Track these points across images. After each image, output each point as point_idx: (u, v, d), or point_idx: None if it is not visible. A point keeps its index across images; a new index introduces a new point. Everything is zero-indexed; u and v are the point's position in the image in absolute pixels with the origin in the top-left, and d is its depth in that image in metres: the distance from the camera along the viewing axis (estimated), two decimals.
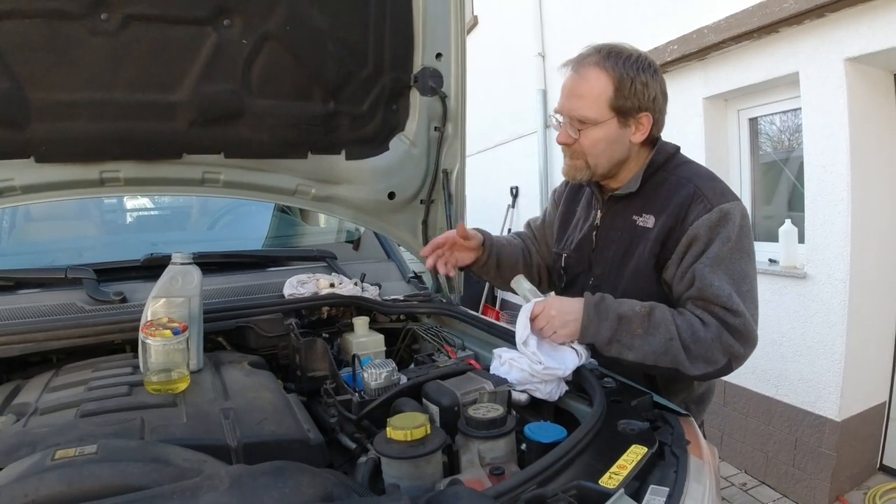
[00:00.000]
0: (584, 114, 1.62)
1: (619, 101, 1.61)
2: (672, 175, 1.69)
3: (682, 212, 1.60)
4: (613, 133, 1.65)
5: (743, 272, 1.57)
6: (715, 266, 1.54)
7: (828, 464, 3.60)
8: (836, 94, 3.41)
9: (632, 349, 1.53)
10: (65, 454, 0.97)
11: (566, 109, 1.66)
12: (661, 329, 1.52)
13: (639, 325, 1.53)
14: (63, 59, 1.64)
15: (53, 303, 1.94)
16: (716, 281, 1.53)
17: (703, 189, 1.61)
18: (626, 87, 1.60)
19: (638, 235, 1.69)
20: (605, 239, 1.80)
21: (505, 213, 8.05)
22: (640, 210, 1.71)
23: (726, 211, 1.57)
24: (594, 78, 1.61)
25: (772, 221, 4.28)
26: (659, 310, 1.55)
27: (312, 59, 1.91)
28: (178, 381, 1.40)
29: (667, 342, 1.51)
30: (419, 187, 2.28)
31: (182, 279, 1.57)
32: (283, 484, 0.90)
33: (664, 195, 1.67)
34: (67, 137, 1.76)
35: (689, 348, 1.51)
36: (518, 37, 7.43)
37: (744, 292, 1.55)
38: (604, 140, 1.65)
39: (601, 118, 1.62)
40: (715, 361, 1.53)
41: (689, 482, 1.05)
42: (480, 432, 1.17)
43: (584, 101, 1.62)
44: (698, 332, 1.52)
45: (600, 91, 1.61)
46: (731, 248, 1.55)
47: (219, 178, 2.03)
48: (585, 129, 1.64)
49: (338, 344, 1.98)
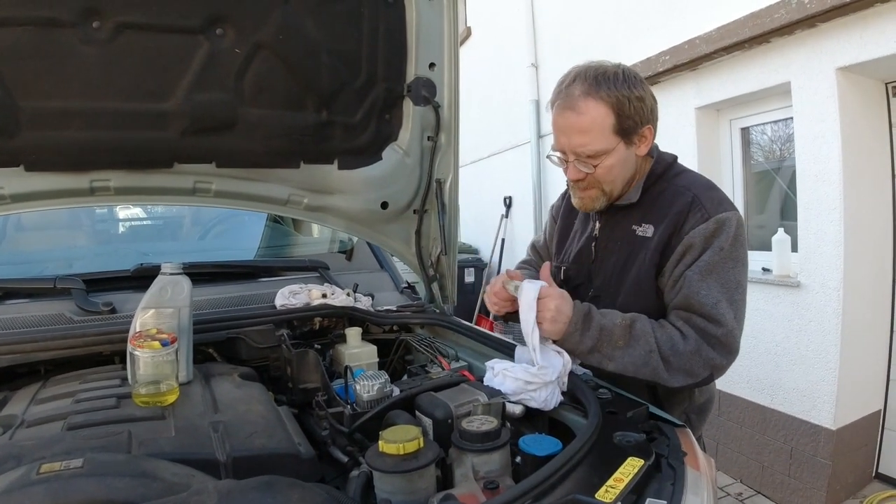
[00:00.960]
0: (593, 148, 1.60)
1: (622, 124, 1.60)
2: (671, 184, 1.70)
3: (681, 220, 1.61)
4: (623, 155, 1.64)
5: (736, 281, 1.57)
6: (706, 274, 1.55)
7: (823, 473, 3.60)
8: (827, 103, 3.43)
9: (612, 360, 1.55)
10: (50, 468, 0.95)
11: (571, 147, 1.63)
12: (642, 342, 1.53)
13: (620, 337, 1.54)
14: (54, 68, 1.62)
15: (42, 313, 1.91)
16: (703, 289, 1.54)
17: (702, 198, 1.62)
18: (626, 109, 1.58)
19: (638, 245, 1.69)
20: (605, 250, 1.80)
21: (499, 223, 8.05)
22: (639, 220, 1.71)
23: (723, 221, 1.57)
24: (593, 110, 1.58)
25: (764, 231, 4.29)
26: (640, 322, 1.56)
27: (305, 68, 1.89)
28: (167, 394, 1.38)
29: (647, 355, 1.53)
30: (412, 197, 2.26)
31: (172, 290, 1.55)
32: (273, 499, 0.89)
33: (663, 204, 1.67)
34: (58, 146, 1.74)
35: (668, 361, 1.53)
36: (511, 48, 7.47)
37: (736, 301, 1.56)
38: (617, 165, 1.64)
39: (610, 146, 1.61)
40: (695, 374, 1.54)
41: (686, 495, 1.04)
42: (474, 445, 1.15)
43: (590, 136, 1.59)
44: (677, 345, 1.53)
45: (602, 121, 1.58)
46: (723, 257, 1.56)
47: (210, 188, 2.01)
48: (598, 161, 1.62)
49: (330, 355, 1.96)
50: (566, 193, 2.04)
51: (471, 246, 8.62)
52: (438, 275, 2.38)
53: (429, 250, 2.37)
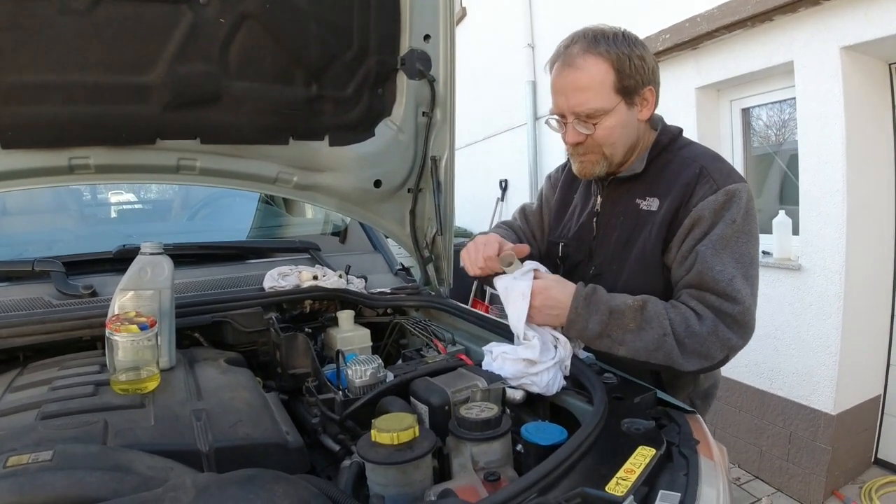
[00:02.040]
0: (592, 106, 1.54)
1: (622, 82, 1.53)
2: (676, 156, 1.64)
3: (688, 192, 1.54)
4: (624, 117, 1.57)
5: (750, 256, 1.51)
6: (719, 249, 1.48)
7: (823, 458, 3.57)
8: (831, 83, 3.37)
9: (623, 344, 1.46)
10: (18, 461, 0.90)
11: (570, 107, 1.57)
12: (655, 324, 1.45)
13: (631, 320, 1.46)
14: (30, 40, 1.55)
15: (19, 297, 1.85)
16: (717, 265, 1.47)
17: (710, 169, 1.55)
18: (626, 66, 1.52)
19: (642, 220, 1.63)
20: (607, 226, 1.73)
21: (494, 206, 7.99)
22: (643, 193, 1.64)
23: (732, 192, 1.51)
24: (592, 65, 1.52)
25: (764, 213, 4.23)
26: (652, 303, 1.48)
27: (293, 39, 1.81)
28: (147, 381, 1.31)
29: (660, 338, 1.43)
30: (406, 175, 2.20)
31: (151, 270, 1.48)
32: (255, 495, 0.82)
33: (669, 177, 1.61)
34: (35, 122, 1.67)
35: (683, 343, 1.44)
36: (507, 28, 7.37)
37: (752, 276, 1.51)
38: (618, 126, 1.58)
39: (610, 105, 1.54)
40: (711, 356, 1.45)
41: (701, 486, 0.97)
42: (474, 434, 1.09)
43: (590, 93, 1.53)
44: (693, 326, 1.45)
45: (602, 77, 1.52)
46: (736, 230, 1.49)
47: (195, 165, 1.94)
48: (598, 120, 1.56)
49: (321, 339, 1.91)
50: (566, 165, 1.97)
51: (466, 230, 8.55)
52: (434, 256, 2.32)
53: (424, 231, 2.32)
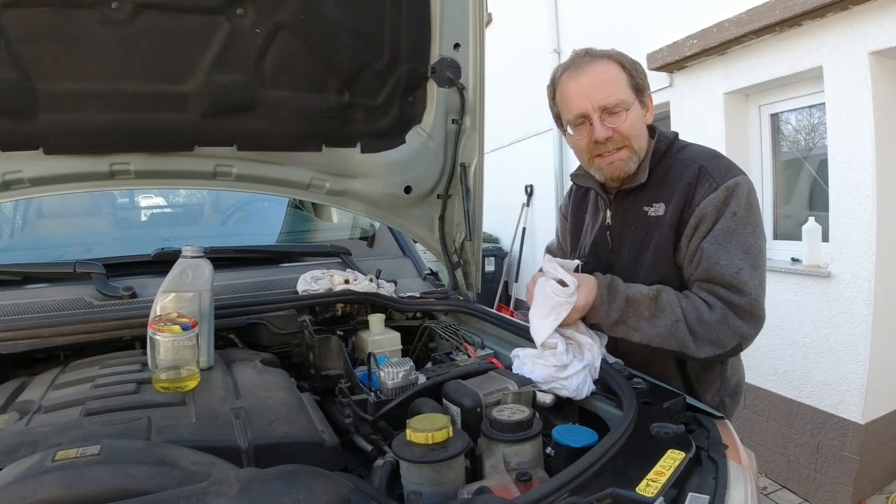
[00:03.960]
0: (618, 97, 1.60)
1: (634, 80, 1.63)
2: (675, 160, 1.69)
3: (690, 193, 1.60)
4: (640, 115, 1.66)
5: (756, 246, 1.56)
6: (724, 242, 1.54)
7: (850, 468, 3.52)
8: (860, 88, 3.34)
9: (638, 331, 1.54)
10: (66, 455, 0.93)
11: (596, 102, 1.61)
12: (668, 312, 1.52)
13: (646, 308, 1.54)
14: (72, 49, 1.60)
15: (61, 298, 1.89)
16: (722, 258, 1.52)
17: (708, 168, 1.61)
18: (632, 68, 1.64)
19: (652, 226, 1.67)
20: (620, 237, 1.77)
21: (520, 212, 7.98)
22: (650, 200, 1.69)
23: (732, 187, 1.55)
24: (607, 65, 1.63)
25: (793, 220, 4.19)
26: (665, 293, 1.55)
27: (327, 49, 1.85)
28: (188, 379, 1.35)
29: (673, 325, 1.51)
30: (436, 182, 2.22)
31: (192, 273, 1.52)
32: (297, 489, 0.85)
33: (671, 181, 1.66)
34: (76, 129, 1.72)
35: (694, 331, 1.51)
36: (533, 33, 7.36)
37: (759, 266, 1.55)
38: (638, 120, 1.66)
39: (630, 99, 1.62)
40: (722, 344, 1.52)
41: (729, 489, 0.98)
42: (506, 435, 1.11)
43: (612, 87, 1.61)
44: (703, 314, 1.51)
45: (617, 74, 1.62)
46: (739, 222, 1.54)
47: (231, 172, 1.98)
48: (624, 112, 1.61)
49: (352, 342, 1.94)
50: (572, 190, 2.04)
51: (491, 235, 8.55)
52: (462, 261, 2.34)
53: (453, 236, 2.33)
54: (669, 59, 4.43)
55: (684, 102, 4.57)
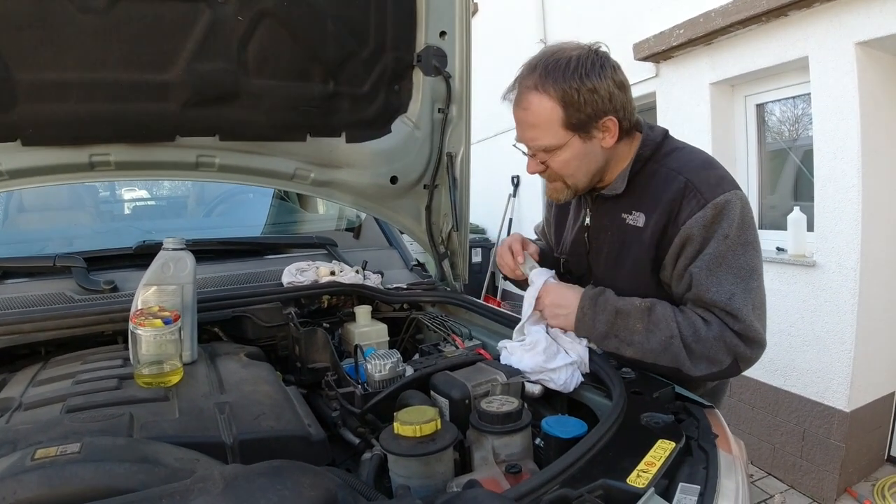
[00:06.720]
0: (542, 143, 1.53)
1: (572, 118, 1.48)
2: (662, 167, 1.56)
3: (675, 209, 1.48)
4: (580, 150, 1.53)
5: (750, 267, 1.45)
6: (713, 268, 1.43)
7: (836, 455, 3.56)
8: (846, 79, 3.35)
9: (631, 345, 1.46)
10: (46, 453, 0.90)
11: (524, 141, 1.57)
12: (662, 326, 1.44)
13: (638, 321, 1.46)
14: (51, 38, 1.56)
15: (41, 292, 1.87)
16: (713, 286, 1.43)
17: (695, 182, 1.48)
18: (575, 102, 1.46)
19: (630, 236, 1.59)
20: (598, 240, 1.70)
21: (506, 203, 7.98)
22: (628, 207, 1.60)
23: (722, 205, 1.43)
24: (536, 105, 1.49)
25: (778, 210, 4.21)
26: (660, 306, 1.48)
27: (311, 37, 1.82)
28: (171, 374, 1.33)
29: (667, 340, 1.43)
30: (422, 171, 2.20)
31: (174, 266, 1.50)
32: (282, 486, 0.83)
33: (653, 191, 1.55)
34: (55, 119, 1.68)
35: (690, 348, 1.43)
36: (519, 23, 7.34)
37: (752, 289, 1.44)
38: (573, 159, 1.54)
39: (561, 141, 1.51)
40: (719, 361, 1.43)
41: (720, 479, 0.98)
42: (495, 427, 1.10)
43: (538, 131, 1.52)
44: (700, 330, 1.43)
45: (548, 116, 1.49)
46: (731, 245, 1.43)
47: (214, 162, 1.95)
48: (550, 155, 1.55)
49: (339, 334, 1.92)
50: None
51: (478, 226, 8.55)
52: (449, 252, 2.33)
53: (439, 226, 2.32)
54: (656, 49, 4.41)
55: (670, 93, 4.57)
